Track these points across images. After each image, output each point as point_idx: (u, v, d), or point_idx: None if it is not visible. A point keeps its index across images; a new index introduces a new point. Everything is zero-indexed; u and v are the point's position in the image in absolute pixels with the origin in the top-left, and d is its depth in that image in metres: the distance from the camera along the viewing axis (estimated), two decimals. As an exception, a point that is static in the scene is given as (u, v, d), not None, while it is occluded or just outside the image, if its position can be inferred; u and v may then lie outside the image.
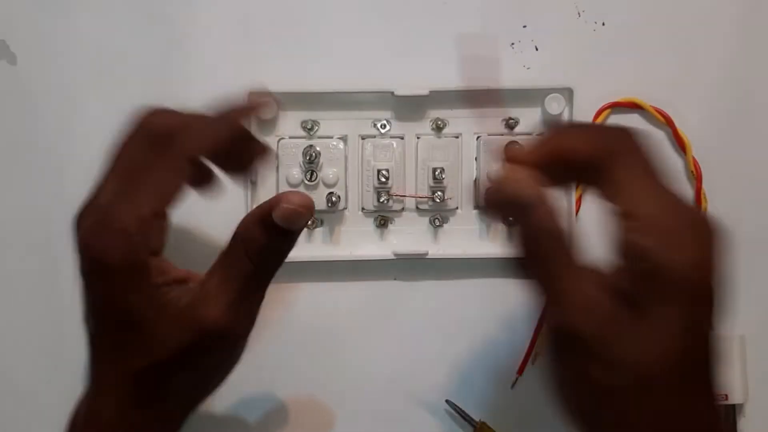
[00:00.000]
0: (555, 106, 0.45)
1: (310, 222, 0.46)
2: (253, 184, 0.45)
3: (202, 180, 0.38)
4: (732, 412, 0.47)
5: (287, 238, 0.35)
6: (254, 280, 0.35)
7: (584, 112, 0.46)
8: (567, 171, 0.33)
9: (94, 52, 0.47)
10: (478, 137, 0.46)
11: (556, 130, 0.35)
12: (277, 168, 0.46)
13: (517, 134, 0.46)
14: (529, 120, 0.46)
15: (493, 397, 0.47)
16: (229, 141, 0.36)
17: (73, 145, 0.47)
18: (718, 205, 0.47)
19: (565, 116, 0.46)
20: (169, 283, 0.35)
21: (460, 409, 0.47)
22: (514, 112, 0.46)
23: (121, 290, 0.34)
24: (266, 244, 0.34)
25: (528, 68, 0.47)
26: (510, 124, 0.46)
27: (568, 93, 0.45)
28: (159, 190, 0.34)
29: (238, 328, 0.35)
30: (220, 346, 0.35)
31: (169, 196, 0.34)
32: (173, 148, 0.34)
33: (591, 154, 0.32)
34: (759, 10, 0.48)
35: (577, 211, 0.47)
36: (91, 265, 0.34)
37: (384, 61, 0.47)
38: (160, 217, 0.34)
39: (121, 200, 0.34)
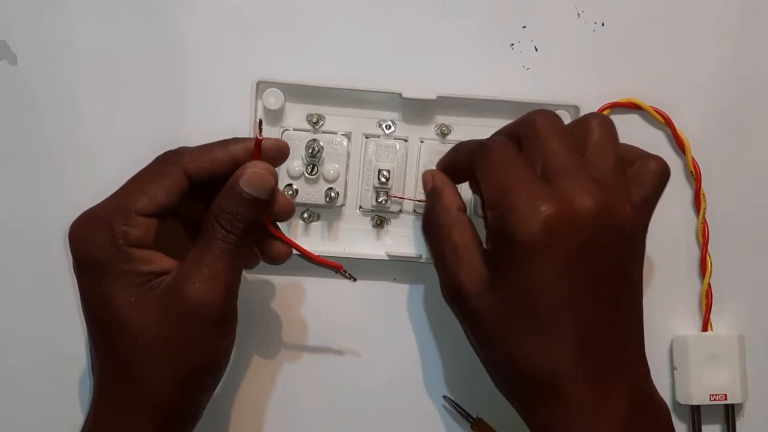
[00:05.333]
0: None
1: (307, 215, 0.46)
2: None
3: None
4: (731, 411, 0.47)
5: (255, 205, 0.37)
6: (229, 250, 0.36)
7: (583, 111, 0.46)
8: (462, 175, 0.41)
9: (94, 52, 0.47)
10: None
11: (454, 147, 0.42)
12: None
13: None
14: None
15: (490, 394, 0.47)
16: (224, 162, 0.38)
17: (73, 145, 0.47)
18: (717, 205, 0.47)
19: None
20: (155, 272, 0.36)
21: (457, 404, 0.47)
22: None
23: (101, 279, 0.36)
24: (235, 211, 0.36)
25: (528, 68, 0.47)
26: None
27: (574, 110, 0.45)
28: (147, 193, 0.37)
29: (219, 301, 0.36)
30: (205, 322, 0.36)
31: (157, 199, 0.37)
32: (171, 162, 0.38)
33: (466, 162, 0.39)
34: (759, 10, 0.48)
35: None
36: (74, 257, 0.37)
37: (394, 61, 0.47)
38: (146, 215, 0.37)
39: (110, 200, 0.37)
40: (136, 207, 0.36)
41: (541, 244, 0.33)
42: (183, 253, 0.37)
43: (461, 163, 0.40)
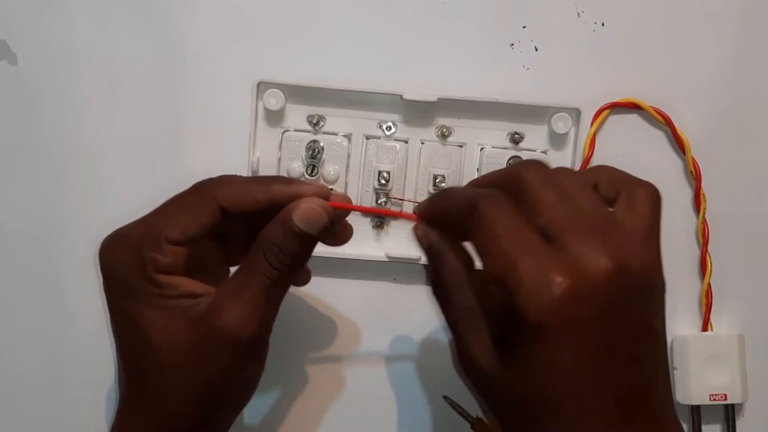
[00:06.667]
0: (561, 125, 0.45)
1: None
2: (255, 174, 0.46)
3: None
4: (731, 411, 0.47)
5: (305, 241, 0.36)
6: (271, 285, 0.36)
7: (584, 113, 0.46)
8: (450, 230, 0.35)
9: (94, 52, 0.47)
10: (482, 149, 0.46)
11: (438, 196, 0.36)
12: (279, 160, 0.46)
13: (522, 149, 0.46)
14: (534, 136, 0.47)
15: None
16: (262, 203, 0.37)
17: (73, 145, 0.47)
18: (717, 205, 0.47)
19: (572, 136, 0.46)
20: (184, 295, 0.36)
21: (457, 404, 0.47)
22: (520, 127, 0.46)
23: (130, 300, 0.36)
24: (284, 245, 0.35)
25: (528, 68, 0.47)
26: (515, 139, 0.46)
27: (575, 113, 0.45)
28: (179, 222, 0.36)
29: (251, 335, 0.36)
30: (236, 352, 0.36)
31: (188, 229, 0.36)
32: (207, 193, 0.37)
33: (455, 221, 0.33)
34: (759, 10, 0.47)
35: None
36: (103, 275, 0.37)
37: (394, 62, 0.47)
38: (175, 244, 0.36)
39: (142, 224, 0.37)
40: (167, 235, 0.36)
41: (559, 322, 0.29)
42: (215, 270, 0.37)
43: (449, 220, 0.35)
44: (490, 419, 0.47)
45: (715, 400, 0.46)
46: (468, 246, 0.34)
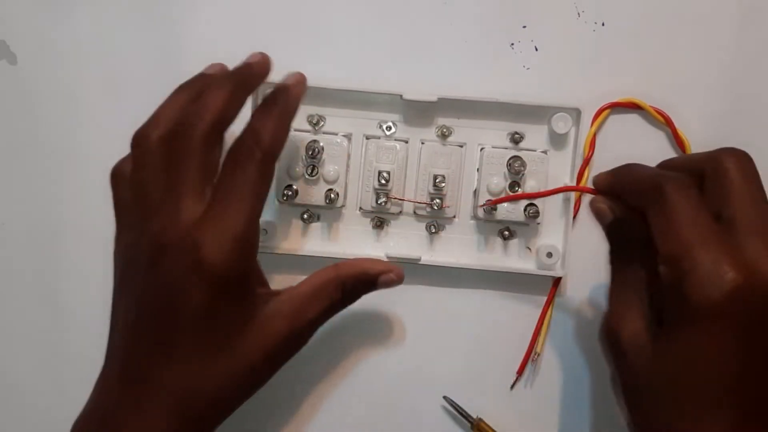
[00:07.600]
0: (561, 125, 0.45)
1: (307, 216, 0.47)
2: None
3: None
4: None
5: (369, 291, 0.41)
6: (333, 309, 0.40)
7: (584, 113, 0.46)
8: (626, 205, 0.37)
9: (94, 52, 0.47)
10: (482, 149, 0.46)
11: (621, 171, 0.38)
12: (279, 160, 0.46)
13: (522, 149, 0.46)
14: (534, 136, 0.46)
15: (491, 396, 0.48)
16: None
17: (73, 145, 0.47)
18: (717, 206, 0.47)
19: (572, 136, 0.46)
20: (270, 293, 0.38)
21: (457, 405, 0.47)
22: (520, 127, 0.46)
23: (229, 298, 0.35)
24: (358, 289, 0.40)
25: (528, 68, 0.47)
26: (515, 139, 0.46)
27: (576, 113, 0.45)
28: (253, 190, 0.35)
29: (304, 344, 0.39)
30: (291, 355, 0.39)
31: (263, 195, 0.36)
32: (257, 152, 0.36)
33: (635, 200, 0.35)
34: (759, 10, 0.47)
35: (575, 214, 0.47)
36: (210, 279, 0.34)
37: (394, 61, 0.47)
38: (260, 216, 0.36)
39: (226, 208, 0.34)
40: (254, 210, 0.36)
41: (721, 313, 0.31)
42: None
43: (628, 197, 0.36)
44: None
45: (714, 400, 0.46)
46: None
